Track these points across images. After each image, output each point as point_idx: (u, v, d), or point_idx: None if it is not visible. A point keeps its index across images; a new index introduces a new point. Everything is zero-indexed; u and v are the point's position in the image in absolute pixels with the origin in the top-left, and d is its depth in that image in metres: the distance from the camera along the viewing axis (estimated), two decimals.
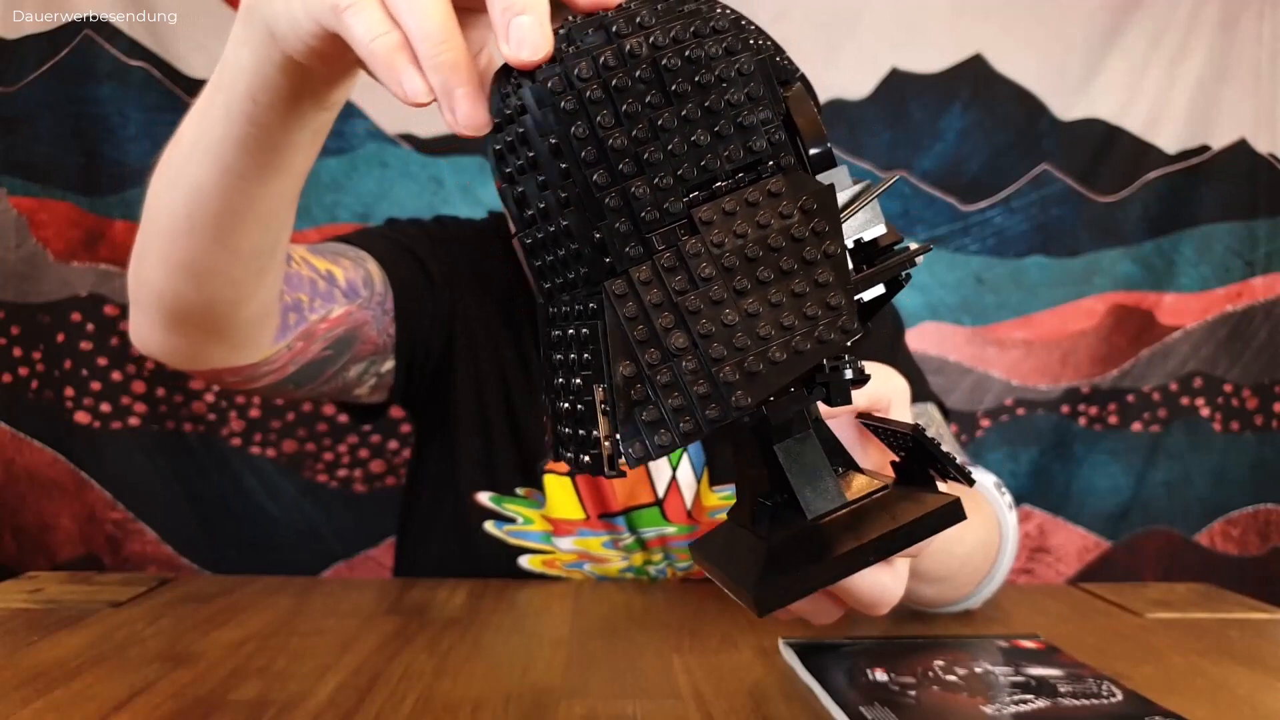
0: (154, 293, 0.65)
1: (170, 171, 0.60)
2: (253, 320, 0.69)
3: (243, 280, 0.64)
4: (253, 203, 0.57)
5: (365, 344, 0.85)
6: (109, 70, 1.45)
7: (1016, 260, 1.58)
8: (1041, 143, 1.57)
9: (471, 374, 0.94)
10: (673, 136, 0.32)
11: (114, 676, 0.59)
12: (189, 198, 0.58)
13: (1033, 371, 1.59)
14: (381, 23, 0.36)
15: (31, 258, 1.46)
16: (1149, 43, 1.56)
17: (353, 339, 0.83)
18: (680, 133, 0.32)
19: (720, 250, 0.32)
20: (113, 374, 1.47)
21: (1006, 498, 0.79)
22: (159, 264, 0.62)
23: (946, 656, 0.62)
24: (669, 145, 0.32)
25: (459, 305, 0.93)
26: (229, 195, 0.56)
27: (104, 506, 1.47)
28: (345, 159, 1.49)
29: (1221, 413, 1.61)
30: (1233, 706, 0.57)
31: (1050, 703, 0.55)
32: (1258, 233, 1.60)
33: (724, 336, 0.32)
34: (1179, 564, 1.60)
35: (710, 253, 0.32)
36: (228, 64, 0.50)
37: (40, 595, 0.80)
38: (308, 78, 0.47)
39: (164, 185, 0.61)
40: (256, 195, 0.57)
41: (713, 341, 0.32)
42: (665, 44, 0.32)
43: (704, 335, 0.32)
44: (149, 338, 0.69)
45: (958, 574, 0.73)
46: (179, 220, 0.59)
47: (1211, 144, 1.58)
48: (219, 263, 0.61)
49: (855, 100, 1.55)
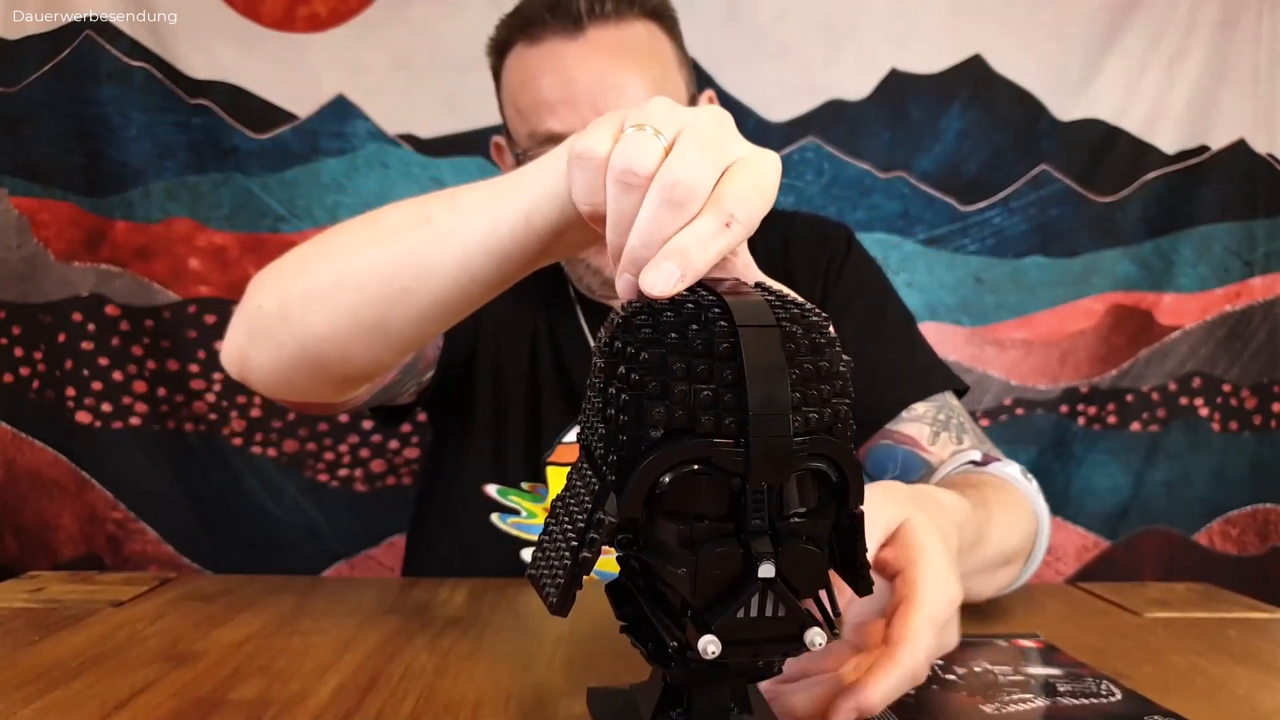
0: (311, 338, 0.62)
1: (392, 232, 0.58)
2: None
3: (413, 348, 0.64)
4: (475, 302, 0.58)
5: (424, 362, 0.86)
6: (110, 71, 1.45)
7: (1015, 260, 1.58)
8: (1040, 143, 1.57)
9: (491, 373, 0.95)
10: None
11: (115, 676, 0.59)
12: (417, 274, 0.57)
13: (1032, 371, 1.59)
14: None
15: (33, 258, 1.46)
16: (1148, 43, 1.56)
17: (416, 359, 0.84)
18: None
19: (560, 498, 0.43)
20: (114, 374, 1.47)
21: (1033, 484, 0.80)
22: (341, 317, 0.60)
23: (945, 655, 0.62)
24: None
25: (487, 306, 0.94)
26: (461, 291, 0.57)
27: (105, 506, 1.47)
28: (346, 159, 1.50)
29: (1220, 413, 1.61)
30: (1232, 706, 0.57)
31: (1049, 702, 0.55)
32: (1256, 233, 1.60)
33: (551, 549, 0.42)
34: (1178, 563, 1.60)
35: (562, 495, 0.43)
36: (528, 182, 0.52)
37: (41, 595, 0.80)
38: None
39: (370, 240, 0.59)
40: (483, 298, 0.58)
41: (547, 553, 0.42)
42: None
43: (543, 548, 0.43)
44: (265, 372, 0.67)
45: (1007, 570, 0.74)
46: (391, 288, 0.58)
47: (1210, 144, 1.59)
48: (407, 332, 0.60)
49: (854, 101, 1.55)
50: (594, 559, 0.38)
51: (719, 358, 0.35)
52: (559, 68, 0.82)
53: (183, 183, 1.48)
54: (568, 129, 0.81)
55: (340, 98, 1.48)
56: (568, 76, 0.82)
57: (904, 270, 1.57)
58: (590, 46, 0.82)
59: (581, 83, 0.82)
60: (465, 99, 1.50)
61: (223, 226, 1.49)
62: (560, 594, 0.39)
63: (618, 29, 0.83)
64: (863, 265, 1.00)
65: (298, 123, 1.49)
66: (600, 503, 0.38)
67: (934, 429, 0.86)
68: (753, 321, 0.36)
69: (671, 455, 0.35)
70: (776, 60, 1.54)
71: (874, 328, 0.94)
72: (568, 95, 0.82)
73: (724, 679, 0.42)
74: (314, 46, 1.48)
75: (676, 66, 0.88)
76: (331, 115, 1.49)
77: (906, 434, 0.87)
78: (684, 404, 0.35)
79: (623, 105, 0.78)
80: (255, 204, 1.49)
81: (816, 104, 1.54)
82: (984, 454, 0.82)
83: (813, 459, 0.37)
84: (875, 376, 0.89)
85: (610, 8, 0.83)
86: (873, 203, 1.56)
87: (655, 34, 0.86)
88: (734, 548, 0.36)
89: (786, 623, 0.37)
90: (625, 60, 0.83)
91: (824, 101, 1.54)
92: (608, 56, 0.82)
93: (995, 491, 0.74)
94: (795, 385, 0.36)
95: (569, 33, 0.82)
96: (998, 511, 0.70)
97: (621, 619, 0.44)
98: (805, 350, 0.37)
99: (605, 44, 0.82)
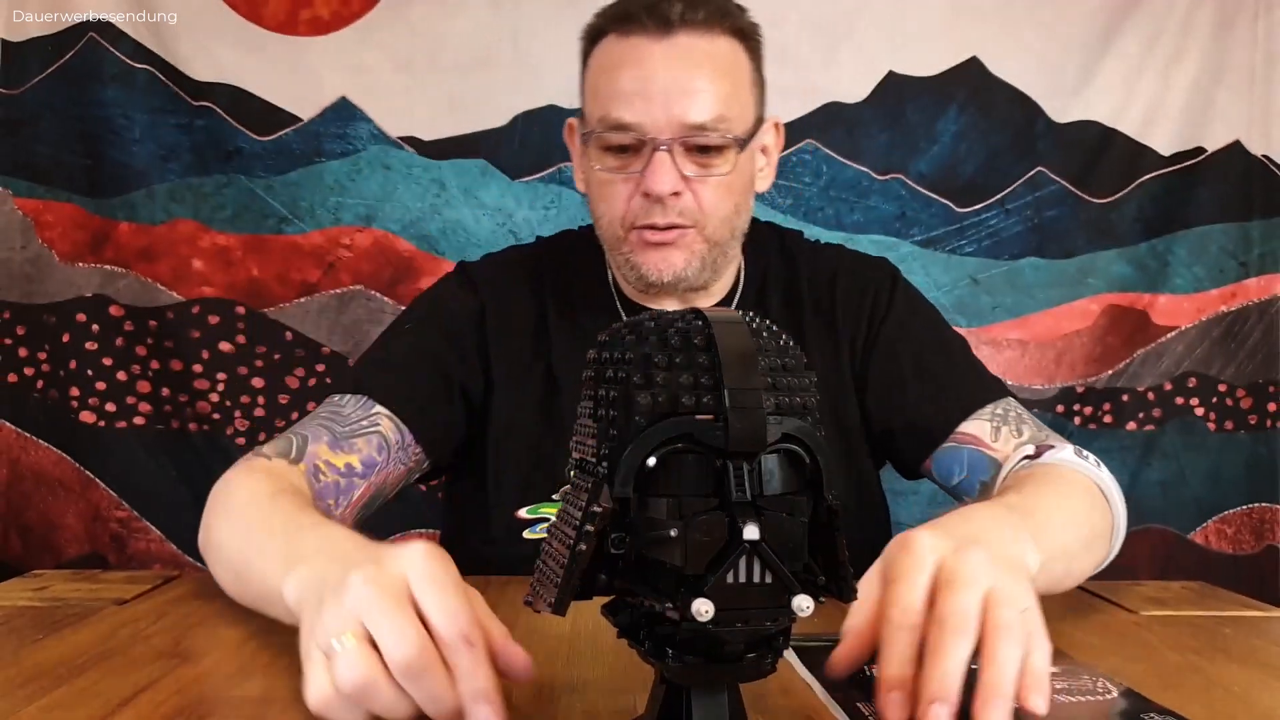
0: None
1: (233, 570, 0.70)
2: None
3: None
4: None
5: (394, 484, 0.90)
6: (113, 73, 1.46)
7: (1012, 261, 1.59)
8: (1037, 145, 1.58)
9: (505, 413, 0.96)
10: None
11: (118, 674, 0.60)
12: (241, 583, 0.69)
13: (1028, 372, 1.60)
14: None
15: (37, 259, 1.46)
16: (1144, 45, 1.57)
17: (381, 493, 0.89)
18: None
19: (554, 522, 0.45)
20: (118, 374, 1.48)
21: (1089, 459, 0.81)
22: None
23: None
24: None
25: (490, 356, 0.96)
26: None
27: (109, 505, 1.48)
28: (348, 161, 1.50)
29: (1216, 412, 1.62)
30: (1227, 704, 0.57)
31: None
32: (1252, 234, 1.61)
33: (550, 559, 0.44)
34: (1174, 562, 1.61)
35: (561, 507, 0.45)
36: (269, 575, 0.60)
37: (45, 593, 0.81)
38: None
39: (226, 570, 0.72)
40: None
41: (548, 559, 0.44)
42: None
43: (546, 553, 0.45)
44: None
45: (1087, 552, 0.75)
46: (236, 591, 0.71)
47: (1206, 146, 1.59)
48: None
49: (852, 103, 1.56)
50: (589, 551, 0.40)
51: (696, 349, 0.39)
52: (643, 62, 0.87)
53: (186, 184, 1.49)
54: (637, 120, 0.86)
55: (343, 100, 1.49)
56: (648, 72, 0.86)
57: (901, 271, 1.57)
58: (675, 49, 0.87)
59: (659, 81, 0.86)
60: (466, 101, 1.50)
61: (226, 228, 1.50)
62: (560, 591, 0.40)
63: (704, 39, 0.87)
64: (912, 294, 1.05)
65: (300, 125, 1.50)
66: (594, 498, 0.40)
67: (994, 424, 0.89)
68: (724, 319, 0.40)
69: (657, 434, 0.39)
70: (774, 63, 1.52)
71: (935, 346, 0.99)
72: (644, 89, 0.86)
73: (721, 676, 0.42)
74: (316, 49, 1.49)
75: (749, 86, 0.92)
76: (334, 117, 1.50)
77: (969, 433, 0.90)
78: (666, 389, 0.39)
79: (692, 108, 0.85)
80: (258, 205, 1.50)
81: (814, 106, 1.55)
82: (1038, 445, 0.83)
83: (786, 440, 0.40)
84: (939, 388, 0.94)
85: (702, 17, 0.87)
86: (870, 204, 1.56)
87: (737, 51, 0.91)
88: (720, 516, 0.39)
89: (774, 589, 0.39)
90: (703, 69, 0.87)
91: (822, 104, 1.55)
92: (688, 62, 0.87)
93: (1043, 479, 0.76)
94: (764, 371, 0.40)
95: (659, 32, 0.86)
96: (1047, 497, 0.72)
97: (617, 626, 0.46)
98: (773, 351, 0.41)
99: (689, 49, 0.87)
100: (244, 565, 0.68)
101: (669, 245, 0.90)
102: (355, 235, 1.52)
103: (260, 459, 0.80)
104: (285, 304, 1.52)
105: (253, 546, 0.67)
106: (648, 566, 0.41)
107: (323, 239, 1.52)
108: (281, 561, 0.59)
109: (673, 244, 0.90)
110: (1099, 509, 0.77)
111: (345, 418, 0.87)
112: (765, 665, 0.42)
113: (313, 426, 0.85)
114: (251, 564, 0.66)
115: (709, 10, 0.88)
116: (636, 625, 0.44)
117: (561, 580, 0.41)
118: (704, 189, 0.89)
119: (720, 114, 0.87)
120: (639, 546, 0.41)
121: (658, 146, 0.86)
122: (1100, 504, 0.78)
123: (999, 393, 0.93)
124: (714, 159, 0.88)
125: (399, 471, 0.90)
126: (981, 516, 0.63)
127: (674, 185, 0.87)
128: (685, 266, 0.91)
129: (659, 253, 0.90)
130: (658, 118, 0.86)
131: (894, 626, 0.47)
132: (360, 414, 0.87)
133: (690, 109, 0.86)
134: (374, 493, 0.88)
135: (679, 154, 0.87)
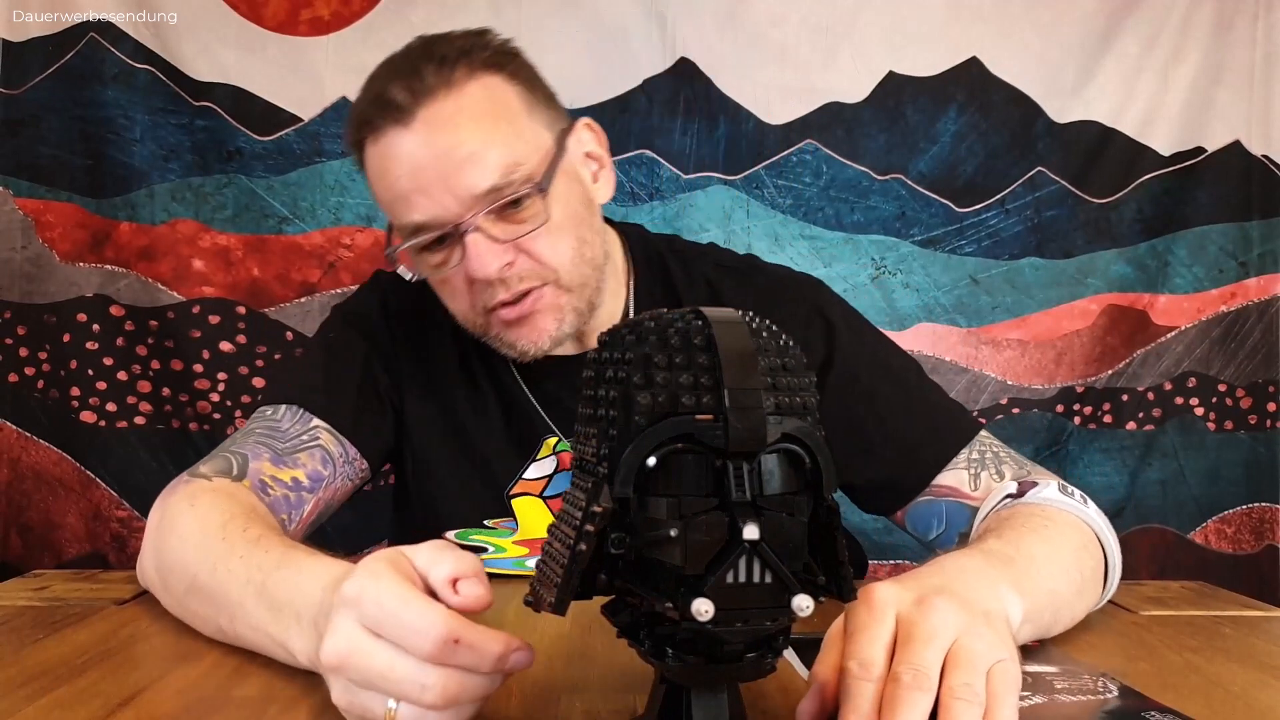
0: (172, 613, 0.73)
1: (200, 618, 0.68)
2: None
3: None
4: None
5: (340, 499, 0.90)
6: (114, 73, 1.46)
7: (1011, 261, 1.59)
8: (1036, 145, 1.58)
9: (423, 426, 0.94)
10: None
11: (118, 674, 0.60)
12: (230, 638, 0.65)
13: (1027, 371, 1.60)
14: None
15: (37, 258, 1.47)
16: (1143, 45, 1.57)
17: (330, 508, 0.88)
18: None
19: (554, 522, 0.46)
20: (118, 373, 1.48)
21: (1075, 495, 0.76)
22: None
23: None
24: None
25: (404, 372, 0.94)
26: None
27: (109, 505, 1.48)
28: (349, 161, 1.50)
29: (1215, 412, 1.62)
30: (1227, 703, 0.57)
31: (1047, 699, 0.55)
32: (1251, 234, 1.61)
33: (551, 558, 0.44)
34: (1173, 562, 1.61)
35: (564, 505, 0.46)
36: (287, 629, 0.57)
37: (46, 593, 0.81)
38: None
39: (187, 614, 0.70)
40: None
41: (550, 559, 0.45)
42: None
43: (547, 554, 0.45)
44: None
45: (1078, 597, 0.71)
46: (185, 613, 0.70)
47: (1206, 146, 1.59)
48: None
49: (852, 103, 1.56)
50: (589, 551, 0.40)
51: (696, 349, 0.39)
52: (402, 158, 0.80)
53: (186, 184, 1.49)
54: (430, 217, 0.80)
55: (343, 100, 1.49)
56: (413, 164, 0.80)
57: (900, 271, 1.58)
58: (425, 130, 0.79)
59: (427, 168, 0.79)
60: None
61: (226, 228, 1.50)
62: (560, 591, 0.40)
63: (449, 100, 0.80)
64: (852, 325, 0.94)
65: (301, 125, 1.50)
66: (595, 498, 0.40)
67: (972, 472, 0.83)
68: (724, 319, 0.40)
69: (657, 433, 0.39)
70: (775, 63, 1.54)
71: (892, 389, 0.90)
72: (418, 184, 0.80)
73: (721, 676, 0.43)
74: (317, 49, 1.49)
75: (525, 112, 0.84)
76: (334, 117, 1.50)
77: (946, 485, 0.84)
78: (666, 389, 0.39)
79: (473, 176, 0.77)
80: (259, 205, 1.50)
81: (814, 106, 1.55)
82: (1020, 483, 0.78)
83: (786, 440, 0.40)
84: (907, 445, 0.86)
85: (432, 82, 0.80)
86: (870, 204, 1.56)
87: (494, 87, 0.83)
88: (720, 516, 0.39)
89: (774, 589, 0.39)
90: (461, 130, 0.79)
91: (822, 104, 1.55)
92: (444, 133, 0.79)
93: (1025, 521, 0.72)
94: (764, 372, 0.40)
95: (401, 123, 0.80)
96: (1030, 540, 0.68)
97: (617, 625, 0.46)
98: (773, 351, 0.41)
99: (440, 121, 0.79)
100: (213, 610, 0.66)
101: (533, 314, 0.83)
102: (356, 235, 1.52)
103: (199, 480, 0.77)
104: (286, 304, 1.52)
105: (221, 592, 0.65)
106: (648, 566, 0.41)
107: (323, 239, 1.52)
108: (269, 619, 0.60)
109: (535, 311, 0.83)
110: (1089, 549, 0.73)
111: (284, 433, 0.84)
112: (765, 665, 0.42)
113: (250, 444, 0.82)
114: (223, 628, 0.65)
115: (440, 63, 0.81)
116: (636, 625, 0.45)
117: (562, 580, 0.41)
118: (534, 244, 0.81)
119: (506, 163, 0.79)
120: (639, 546, 0.41)
121: (463, 231, 0.79)
122: (1090, 543, 0.73)
123: (970, 430, 0.86)
124: (526, 211, 0.81)
125: (346, 487, 0.89)
126: (954, 566, 0.60)
127: (498, 262, 0.80)
128: (558, 328, 0.85)
129: (525, 326, 0.84)
130: (447, 205, 0.79)
131: (853, 679, 0.45)
132: (299, 428, 0.85)
133: (472, 178, 0.78)
134: (322, 509, 0.86)
135: (489, 225, 0.80)
